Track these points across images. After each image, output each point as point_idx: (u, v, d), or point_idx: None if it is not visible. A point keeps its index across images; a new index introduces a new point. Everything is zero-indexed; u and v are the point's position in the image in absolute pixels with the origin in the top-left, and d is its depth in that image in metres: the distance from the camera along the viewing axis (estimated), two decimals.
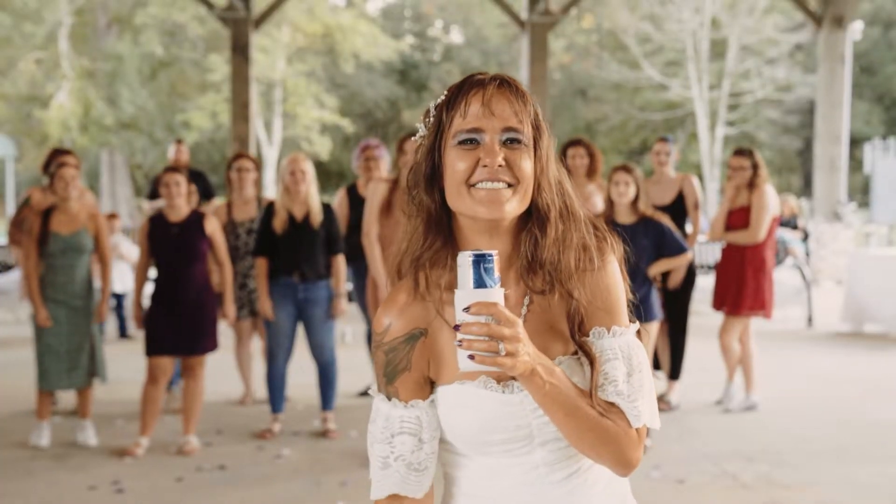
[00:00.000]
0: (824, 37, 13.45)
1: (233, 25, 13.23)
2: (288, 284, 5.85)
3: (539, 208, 1.63)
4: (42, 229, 5.70)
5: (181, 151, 9.88)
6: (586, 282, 1.64)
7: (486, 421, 1.62)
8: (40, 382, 5.78)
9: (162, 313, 5.62)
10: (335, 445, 5.84)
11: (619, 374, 1.61)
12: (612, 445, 1.59)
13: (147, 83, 27.24)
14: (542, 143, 1.63)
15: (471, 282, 1.46)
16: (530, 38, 13.50)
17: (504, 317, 1.45)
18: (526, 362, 1.48)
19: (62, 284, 5.77)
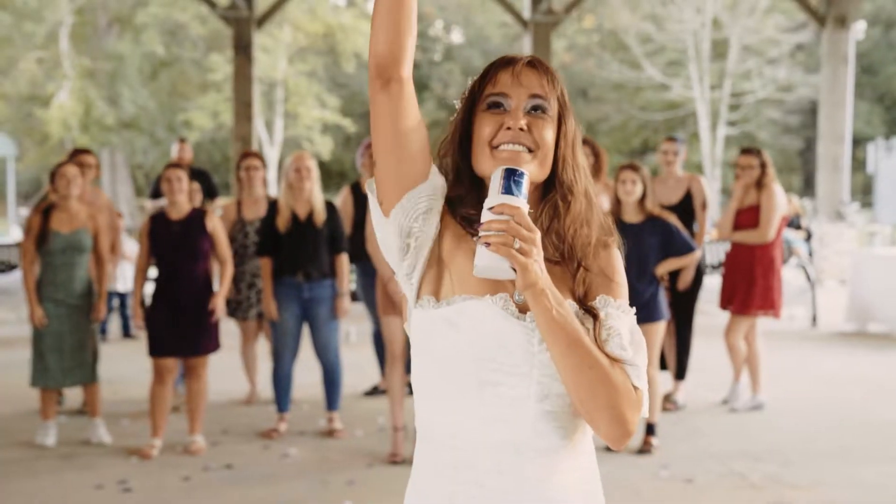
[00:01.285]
0: (827, 36, 13.45)
1: (235, 25, 13.21)
2: (292, 284, 5.84)
3: (562, 182, 1.72)
4: (42, 228, 5.69)
5: (184, 150, 9.87)
6: (601, 259, 1.73)
7: (487, 345, 1.62)
8: (39, 380, 5.75)
9: (163, 313, 5.59)
10: (341, 445, 5.83)
11: (624, 332, 1.65)
12: (611, 393, 1.58)
13: (148, 83, 27.24)
14: (567, 121, 1.74)
15: (500, 188, 1.56)
16: (533, 38, 13.49)
17: (525, 221, 1.54)
18: (537, 271, 1.54)
19: (62, 283, 5.76)
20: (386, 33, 1.62)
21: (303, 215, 5.83)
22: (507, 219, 1.53)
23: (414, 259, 1.70)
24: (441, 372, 1.66)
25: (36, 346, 5.75)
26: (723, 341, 6.61)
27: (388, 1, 1.62)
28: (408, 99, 1.64)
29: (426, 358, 1.69)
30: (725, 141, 32.24)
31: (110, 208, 7.33)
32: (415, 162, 1.67)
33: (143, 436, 5.93)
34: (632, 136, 36.06)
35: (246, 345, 6.79)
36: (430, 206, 1.69)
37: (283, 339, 5.92)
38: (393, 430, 5.54)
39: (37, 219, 5.73)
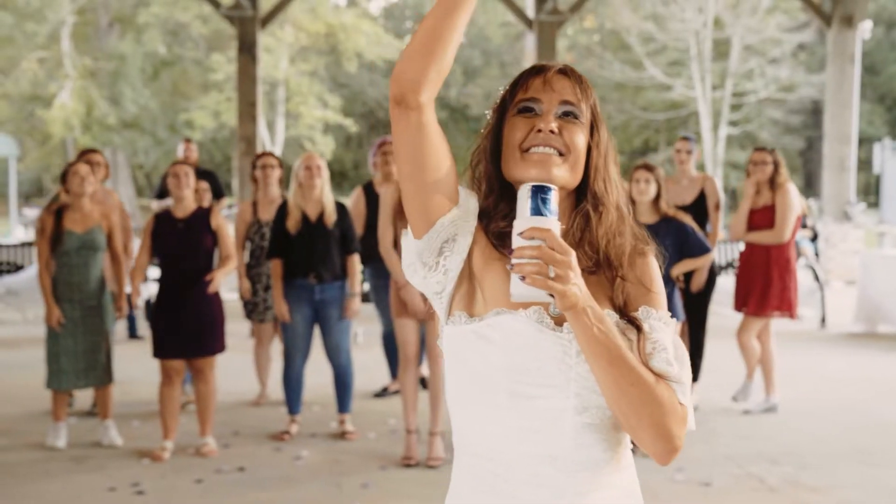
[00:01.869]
0: (833, 36, 13.41)
1: (239, 24, 13.17)
2: (304, 286, 5.80)
3: (594, 193, 1.70)
4: (55, 228, 5.65)
5: (190, 150, 9.84)
6: (637, 269, 1.70)
7: (521, 359, 1.58)
8: (54, 382, 5.72)
9: (168, 314, 5.53)
10: (354, 447, 5.79)
11: (669, 346, 1.61)
12: (656, 409, 1.54)
13: (149, 83, 27.21)
14: (600, 130, 1.72)
15: (528, 210, 1.51)
16: (538, 38, 13.45)
17: (557, 243, 1.49)
18: (576, 293, 1.49)
19: (77, 283, 5.73)
20: (415, 61, 1.56)
21: (313, 216, 5.78)
22: (538, 244, 1.47)
23: (443, 279, 1.67)
24: (476, 386, 1.63)
25: (51, 348, 5.71)
26: (732, 342, 6.57)
27: (430, 31, 1.56)
28: (428, 126, 1.59)
29: (460, 372, 1.66)
30: (727, 141, 32.21)
31: (121, 209, 7.27)
32: (439, 188, 1.63)
33: (154, 437, 5.89)
34: (633, 136, 36.05)
35: (260, 347, 6.74)
36: (460, 230, 1.66)
37: (294, 340, 5.87)
38: (406, 432, 5.50)
39: (50, 219, 5.68)
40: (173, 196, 5.63)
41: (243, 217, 6.49)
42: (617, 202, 1.73)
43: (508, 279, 1.61)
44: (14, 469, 5.38)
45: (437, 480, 5.18)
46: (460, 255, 1.66)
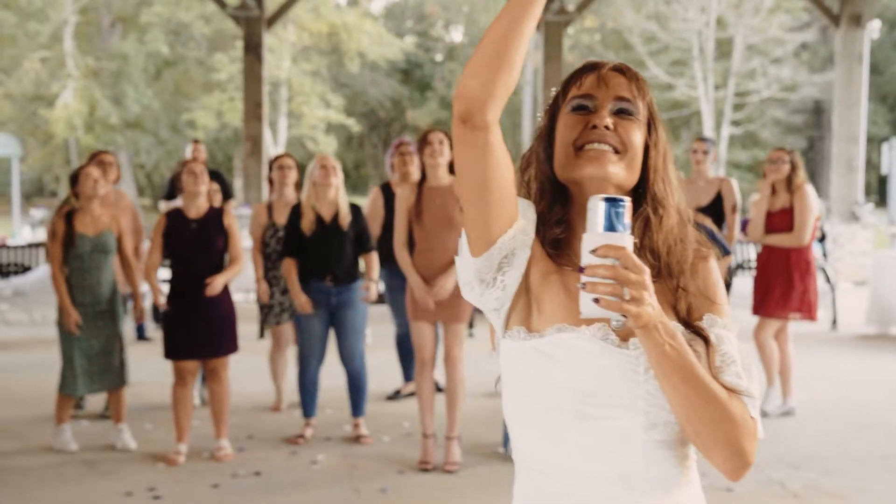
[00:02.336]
0: (842, 35, 13.35)
1: (245, 24, 13.10)
2: (320, 289, 5.73)
3: (654, 195, 1.64)
4: (67, 231, 5.60)
5: (199, 150, 9.80)
6: (698, 275, 1.63)
7: (587, 378, 1.53)
8: (69, 387, 5.68)
9: (181, 314, 5.47)
10: (369, 451, 5.74)
11: (738, 358, 1.55)
12: (729, 426, 1.48)
13: (152, 82, 27.16)
14: (657, 129, 1.66)
15: (600, 225, 1.43)
16: (545, 37, 13.40)
17: (632, 262, 1.42)
18: (650, 314, 1.43)
19: (91, 287, 5.69)
20: (481, 77, 1.48)
21: (328, 217, 5.72)
22: (612, 263, 1.40)
23: (502, 294, 1.61)
24: (539, 404, 1.58)
25: (65, 352, 5.67)
26: (750, 344, 6.52)
27: (496, 43, 1.48)
28: (494, 146, 1.52)
29: (520, 388, 1.60)
30: (729, 141, 32.16)
31: (134, 211, 7.20)
32: (502, 207, 1.57)
33: (167, 440, 5.84)
34: None
35: (276, 351, 6.68)
36: (519, 244, 1.60)
37: (309, 344, 5.82)
38: (423, 436, 5.46)
39: (61, 223, 5.63)
40: (188, 193, 5.54)
41: (258, 220, 6.42)
42: (678, 205, 1.66)
43: (567, 293, 1.57)
44: (28, 473, 5.33)
45: (456, 486, 5.14)
46: (518, 270, 1.60)
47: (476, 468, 5.39)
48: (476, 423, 6.21)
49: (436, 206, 5.29)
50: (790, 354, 6.41)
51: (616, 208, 1.44)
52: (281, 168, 6.39)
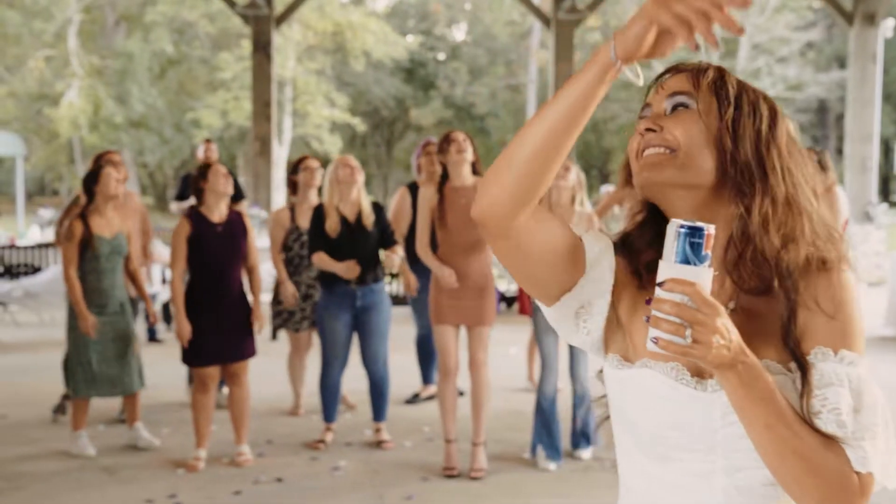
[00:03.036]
0: (855, 34, 13.25)
1: (254, 23, 13.01)
2: (346, 293, 5.64)
3: (737, 187, 1.42)
4: (85, 233, 5.50)
5: (211, 150, 9.69)
6: (814, 287, 1.39)
7: (662, 420, 1.42)
8: (87, 390, 5.60)
9: (205, 320, 5.33)
10: (391, 456, 5.64)
11: (844, 403, 1.34)
12: (821, 481, 1.31)
13: (156, 81, 27.07)
14: (733, 108, 1.45)
15: (674, 255, 1.28)
16: (556, 36, 13.29)
17: (702, 300, 1.25)
18: (721, 356, 1.27)
19: (107, 290, 5.62)
20: (502, 205, 1.39)
21: (352, 218, 5.62)
22: (679, 300, 1.26)
23: (587, 338, 1.53)
24: (626, 433, 1.50)
25: (81, 356, 5.57)
26: None
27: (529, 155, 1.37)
28: (523, 238, 1.42)
29: (614, 413, 1.53)
30: None
31: (143, 211, 7.12)
32: (554, 274, 1.47)
33: (185, 444, 5.75)
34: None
35: (295, 356, 6.55)
36: (593, 294, 1.50)
37: (333, 347, 5.71)
38: (446, 442, 5.36)
39: (79, 224, 5.53)
40: (217, 195, 5.35)
41: (281, 223, 6.28)
42: (787, 194, 1.42)
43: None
44: (46, 479, 5.23)
45: (483, 493, 5.04)
46: (600, 316, 1.50)
47: (502, 474, 5.30)
48: (500, 427, 6.12)
49: (460, 206, 5.19)
50: None
51: (692, 238, 1.28)
52: (308, 169, 6.25)
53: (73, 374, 5.61)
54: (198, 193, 5.38)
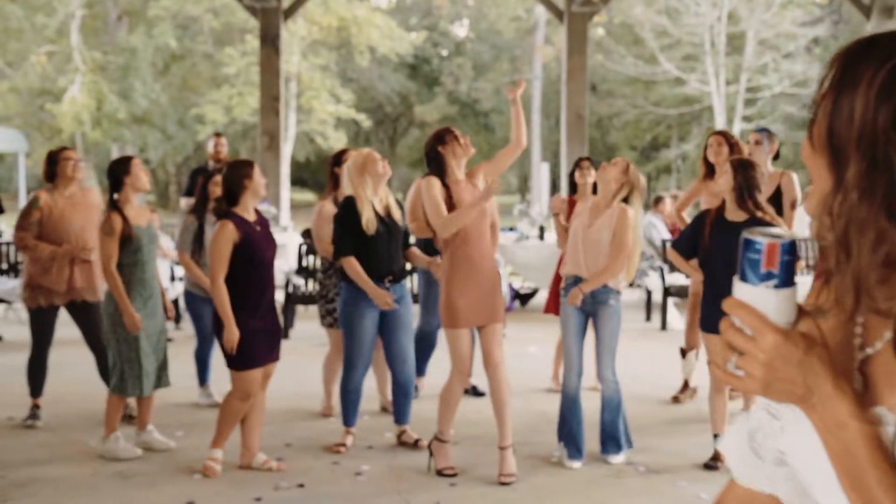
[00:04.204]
0: (873, 27, 13.04)
1: (262, 16, 12.80)
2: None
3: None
4: (124, 226, 5.32)
5: (221, 145, 9.51)
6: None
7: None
8: (137, 389, 5.43)
9: (254, 323, 5.04)
10: (414, 460, 5.44)
11: None
12: None
13: (160, 77, 26.86)
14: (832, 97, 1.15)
15: (738, 272, 1.11)
16: (569, 29, 13.08)
17: (753, 323, 1.07)
18: (776, 391, 1.07)
19: (150, 280, 5.49)
20: None
21: (383, 213, 5.41)
22: (735, 323, 1.09)
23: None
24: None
25: (129, 353, 5.39)
26: None
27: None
28: None
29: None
30: (741, 136, 31.88)
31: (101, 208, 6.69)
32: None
33: (200, 447, 5.55)
34: (645, 132, 35.69)
35: (338, 359, 6.28)
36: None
37: (359, 349, 5.49)
38: (442, 442, 5.23)
39: (117, 217, 5.34)
40: (256, 195, 5.06)
41: (325, 216, 6.00)
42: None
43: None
44: (58, 484, 5.04)
45: (512, 499, 4.86)
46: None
47: (530, 478, 5.11)
48: (524, 429, 5.94)
49: (464, 201, 5.04)
50: None
51: (749, 252, 1.09)
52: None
53: (120, 373, 5.42)
54: (234, 193, 5.04)
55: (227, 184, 5.07)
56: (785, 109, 33.09)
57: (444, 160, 5.13)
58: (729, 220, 5.13)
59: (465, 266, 5.08)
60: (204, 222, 6.48)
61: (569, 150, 13.26)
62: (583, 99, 13.17)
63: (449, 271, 5.08)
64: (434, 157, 5.15)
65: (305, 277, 9.73)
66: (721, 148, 6.42)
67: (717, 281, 5.15)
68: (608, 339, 5.29)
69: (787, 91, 31.54)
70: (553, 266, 10.78)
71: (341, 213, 5.38)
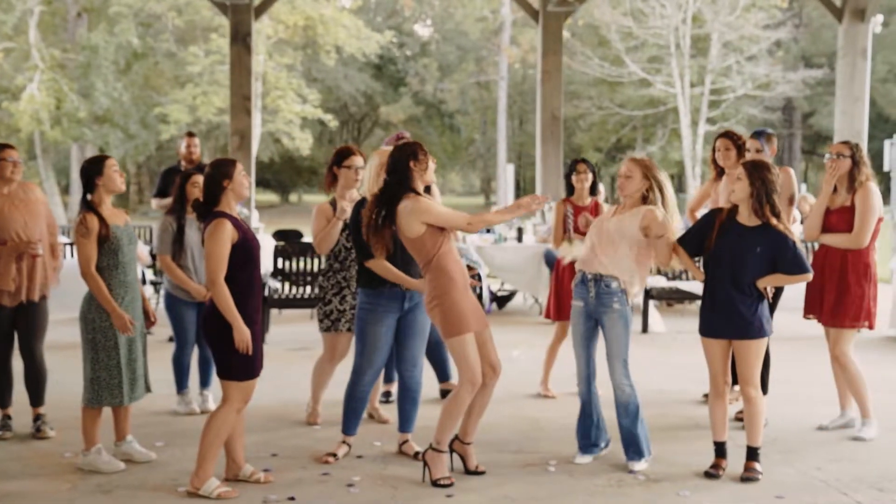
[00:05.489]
0: (845, 30, 13.06)
1: (233, 13, 12.54)
2: (395, 296, 5.25)
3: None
4: (101, 226, 5.08)
5: (193, 145, 9.26)
6: None
7: None
8: (130, 396, 5.23)
9: (253, 328, 4.77)
10: (407, 472, 5.23)
11: None
12: None
13: (122, 75, 26.39)
14: None
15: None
16: (543, 29, 12.96)
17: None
18: None
19: (132, 282, 5.24)
20: None
21: None
22: None
23: None
24: None
25: (109, 361, 5.15)
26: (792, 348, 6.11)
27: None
28: None
29: None
30: (705, 138, 32.00)
31: (46, 205, 6.32)
32: None
33: (182, 458, 5.35)
34: (610, 134, 35.75)
35: (329, 363, 6.10)
36: None
37: (371, 353, 5.29)
38: (440, 452, 5.03)
39: (93, 217, 5.10)
40: (236, 197, 4.78)
41: (325, 216, 5.77)
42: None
43: None
44: (33, 499, 4.78)
45: None
46: None
47: (530, 488, 4.94)
48: (518, 437, 5.80)
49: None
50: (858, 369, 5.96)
51: None
52: (350, 168, 5.78)
53: (96, 383, 5.18)
54: (213, 194, 4.75)
55: (207, 183, 4.83)
56: (748, 112, 33.33)
57: (411, 176, 4.92)
58: (740, 223, 5.02)
59: (458, 271, 4.95)
60: (184, 223, 6.25)
61: (543, 151, 13.13)
62: (558, 99, 13.05)
63: (444, 280, 4.89)
64: (402, 171, 4.89)
65: (282, 280, 9.51)
66: (729, 152, 6.33)
67: (716, 285, 5.03)
68: (615, 344, 5.19)
69: (750, 93, 31.76)
70: (533, 268, 10.71)
71: (359, 215, 5.18)
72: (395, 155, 4.94)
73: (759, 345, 5.05)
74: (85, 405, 5.23)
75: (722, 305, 5.03)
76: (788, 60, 34.42)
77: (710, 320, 5.10)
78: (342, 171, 5.80)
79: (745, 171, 5.00)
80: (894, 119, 35.09)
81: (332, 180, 5.86)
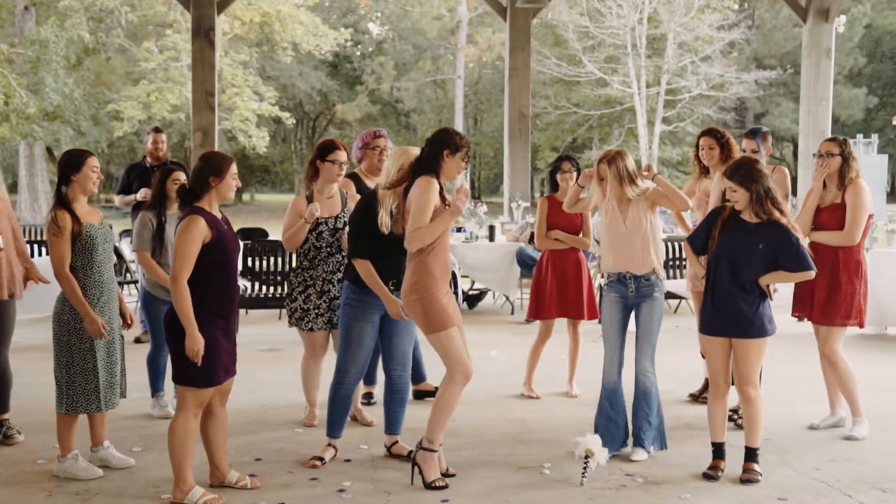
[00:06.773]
0: (809, 29, 13.15)
1: (195, 8, 12.26)
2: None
3: None
4: (74, 224, 4.84)
5: (160, 141, 9.03)
6: None
7: None
8: (111, 402, 5.02)
9: (220, 332, 4.55)
10: (399, 474, 5.07)
11: None
12: None
13: (73, 71, 25.81)
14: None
15: None
16: (511, 26, 12.86)
17: None
18: None
19: (108, 282, 5.01)
20: None
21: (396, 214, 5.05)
22: None
23: None
24: None
25: (85, 365, 4.92)
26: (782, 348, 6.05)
27: None
28: None
29: None
30: (661, 137, 32.20)
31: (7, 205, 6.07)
32: None
33: (161, 463, 5.11)
34: (566, 133, 35.82)
35: (311, 360, 5.96)
36: None
37: (355, 354, 5.14)
38: (432, 452, 4.87)
39: (65, 215, 4.85)
40: (219, 198, 4.58)
41: (300, 211, 5.63)
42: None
43: None
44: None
45: None
46: None
47: (528, 492, 4.81)
48: (507, 440, 5.67)
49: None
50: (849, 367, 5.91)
51: None
52: (335, 163, 5.64)
53: (70, 389, 4.93)
54: (197, 189, 4.52)
55: (195, 176, 4.60)
56: (703, 111, 33.61)
57: (441, 168, 4.83)
58: (744, 219, 4.94)
59: (443, 268, 4.82)
60: (164, 220, 6.03)
61: (511, 148, 13.03)
62: (527, 97, 12.97)
63: (426, 276, 4.75)
64: (436, 161, 4.79)
65: (252, 280, 9.29)
66: (713, 151, 6.28)
67: (718, 283, 4.95)
68: (648, 330, 5.31)
69: (705, 93, 32.04)
70: (505, 267, 10.59)
71: (361, 209, 5.07)
72: (434, 143, 4.84)
73: (760, 344, 4.97)
74: (60, 412, 4.99)
75: (723, 303, 4.95)
76: (741, 61, 34.77)
77: (711, 318, 5.02)
78: (325, 165, 5.65)
79: (734, 182, 4.91)
80: (844, 120, 35.64)
81: (314, 174, 5.70)
